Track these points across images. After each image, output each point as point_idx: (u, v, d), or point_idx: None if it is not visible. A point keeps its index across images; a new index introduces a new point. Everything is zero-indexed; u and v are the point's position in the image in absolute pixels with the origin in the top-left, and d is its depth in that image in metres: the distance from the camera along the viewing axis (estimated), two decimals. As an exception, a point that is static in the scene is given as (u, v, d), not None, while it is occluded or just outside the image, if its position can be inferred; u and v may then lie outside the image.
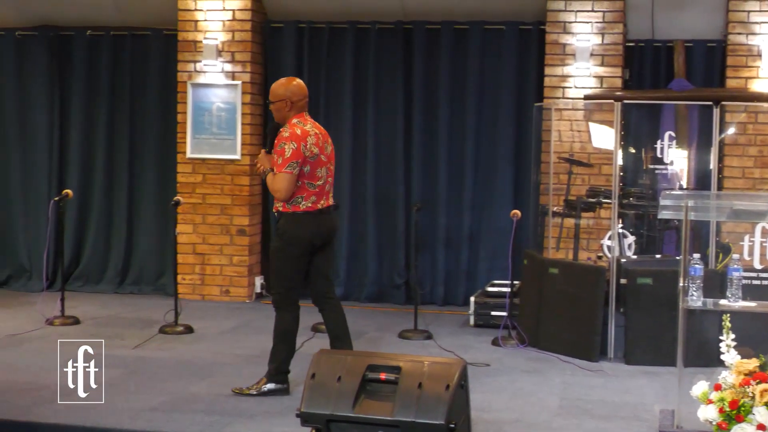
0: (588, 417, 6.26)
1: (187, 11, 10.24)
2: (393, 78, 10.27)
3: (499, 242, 9.68)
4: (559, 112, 9.40)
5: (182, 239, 10.01)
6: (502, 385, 6.99)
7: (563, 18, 9.55)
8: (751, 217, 6.11)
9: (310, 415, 4.99)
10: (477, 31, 10.06)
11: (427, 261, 10.20)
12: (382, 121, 10.31)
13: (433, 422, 4.82)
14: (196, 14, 10.22)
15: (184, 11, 10.25)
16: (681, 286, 5.39)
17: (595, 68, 9.48)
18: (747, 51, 9.27)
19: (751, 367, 5.13)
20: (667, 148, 9.30)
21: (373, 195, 10.33)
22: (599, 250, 8.80)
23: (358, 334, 8.69)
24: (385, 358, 5.30)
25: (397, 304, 10.18)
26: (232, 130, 10.18)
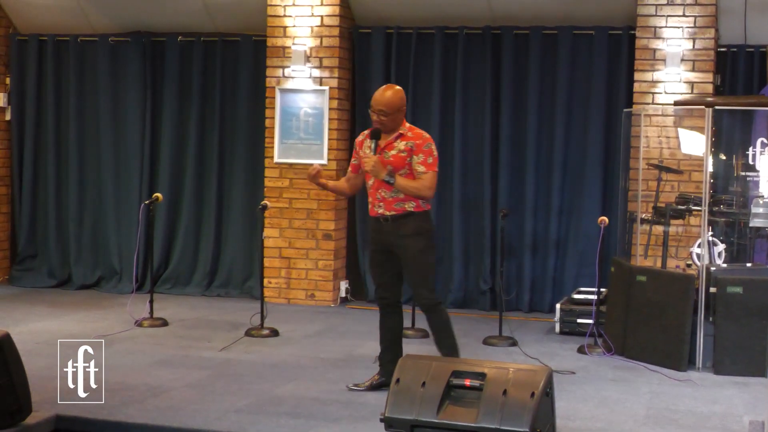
0: (675, 427, 6.17)
1: (276, 17, 10.33)
2: (481, 83, 10.24)
3: (587, 249, 9.60)
4: (649, 118, 9.29)
5: (269, 243, 10.11)
6: (588, 394, 6.92)
7: (653, 23, 9.44)
8: None
9: (394, 420, 5.00)
10: (566, 36, 9.99)
11: (513, 267, 10.15)
12: (469, 127, 10.29)
13: (517, 429, 4.80)
14: (285, 20, 10.30)
15: (273, 17, 10.34)
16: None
17: (685, 74, 9.35)
18: (841, 55, 9.08)
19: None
20: (760, 155, 9.14)
21: (459, 200, 10.31)
22: (688, 258, 8.67)
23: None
24: (470, 364, 5.29)
25: (482, 310, 10.14)
26: (319, 135, 10.24)
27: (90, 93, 11.24)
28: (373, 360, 7.75)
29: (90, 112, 11.25)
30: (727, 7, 9.46)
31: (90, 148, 11.27)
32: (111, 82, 11.14)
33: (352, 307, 10.33)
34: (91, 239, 11.28)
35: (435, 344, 6.85)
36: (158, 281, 10.76)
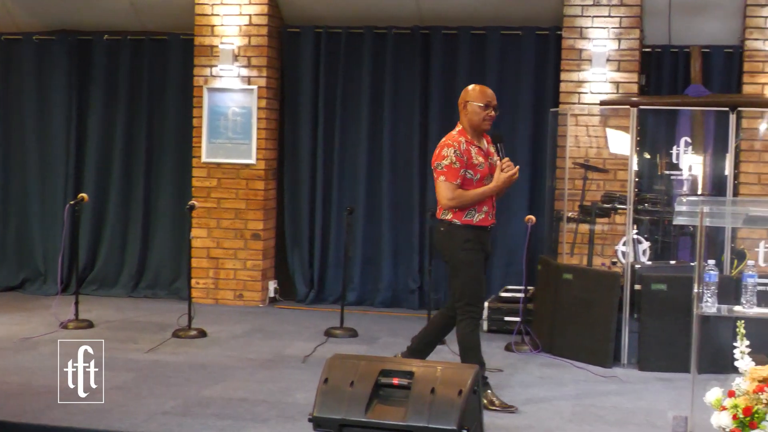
0: (601, 423, 6.24)
1: (203, 16, 10.26)
2: (410, 83, 10.27)
3: (514, 248, 9.68)
4: (575, 118, 9.38)
5: (196, 243, 10.03)
6: (515, 391, 6.97)
7: (580, 23, 9.53)
8: (766, 223, 6.08)
9: (322, 420, 4.98)
10: (494, 36, 10.05)
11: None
12: (398, 127, 10.31)
13: (445, 427, 4.80)
14: (213, 19, 10.23)
15: (200, 16, 10.27)
16: (695, 293, 5.37)
17: (611, 74, 9.45)
18: (764, 57, 9.24)
19: (765, 373, 5.09)
20: (683, 153, 9.27)
21: (388, 200, 10.33)
22: (614, 256, 8.76)
23: (372, 339, 8.72)
24: (398, 363, 5.29)
25: (411, 309, 10.18)
26: (247, 134, 10.19)
27: (15, 92, 11.09)
28: (302, 360, 7.74)
29: (14, 112, 11.09)
30: (652, 8, 9.59)
31: (14, 147, 11.10)
32: (36, 81, 10.99)
33: (281, 307, 10.29)
34: (15, 240, 11.12)
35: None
36: (84, 282, 10.62)
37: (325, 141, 10.45)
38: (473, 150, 6.42)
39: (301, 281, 10.53)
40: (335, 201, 10.44)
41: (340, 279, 9.96)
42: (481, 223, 6.42)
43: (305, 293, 10.51)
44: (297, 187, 10.55)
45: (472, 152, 6.41)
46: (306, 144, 10.48)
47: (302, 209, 10.54)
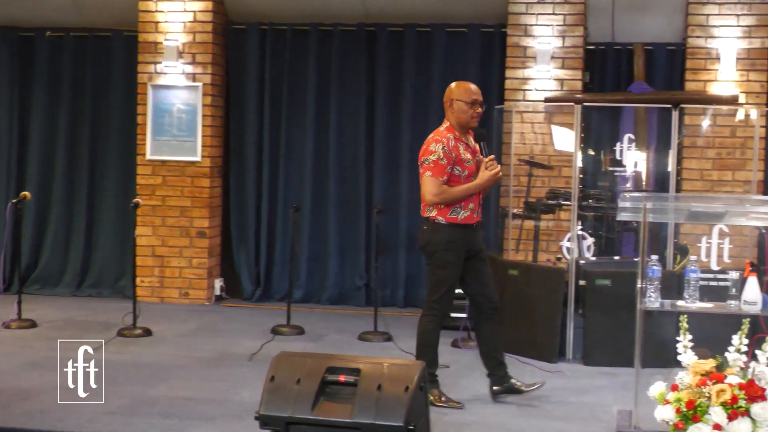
0: (547, 418, 6.28)
1: (147, 12, 10.18)
2: (356, 80, 10.27)
3: (460, 244, 9.70)
4: (520, 115, 9.43)
5: (141, 242, 9.95)
6: (462, 387, 7.00)
7: (524, 21, 9.58)
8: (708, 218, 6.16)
9: (269, 418, 4.96)
10: (440, 34, 10.08)
11: (388, 263, 10.20)
12: (344, 124, 10.31)
13: (392, 424, 4.80)
14: (157, 15, 10.16)
15: (144, 12, 10.19)
16: (639, 288, 5.42)
17: (555, 71, 9.52)
18: (706, 54, 9.35)
19: (707, 367, 5.16)
20: (627, 150, 9.36)
21: (335, 198, 10.33)
22: (559, 252, 8.84)
23: (318, 336, 8.71)
24: (345, 360, 5.28)
25: (357, 306, 10.18)
26: (192, 131, 10.13)
27: (-44, 89, 10.94)
28: (248, 358, 7.71)
29: (-44, 109, 10.95)
30: (595, 6, 9.66)
31: (-45, 145, 10.95)
32: (-23, 78, 10.85)
33: (227, 305, 10.25)
34: (-44, 239, 10.97)
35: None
36: (27, 282, 10.49)
37: (270, 138, 10.42)
38: (461, 146, 6.42)
39: (247, 279, 10.50)
40: (281, 198, 10.42)
41: (286, 276, 9.94)
42: (466, 221, 6.40)
43: (251, 291, 10.47)
44: (243, 185, 10.51)
45: (460, 149, 6.40)
46: (252, 141, 10.44)
47: (248, 207, 10.50)
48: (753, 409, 4.97)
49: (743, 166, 9.19)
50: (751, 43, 9.27)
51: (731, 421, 4.95)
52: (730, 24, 9.29)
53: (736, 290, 5.47)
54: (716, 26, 9.31)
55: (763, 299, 5.41)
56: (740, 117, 9.23)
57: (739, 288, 5.46)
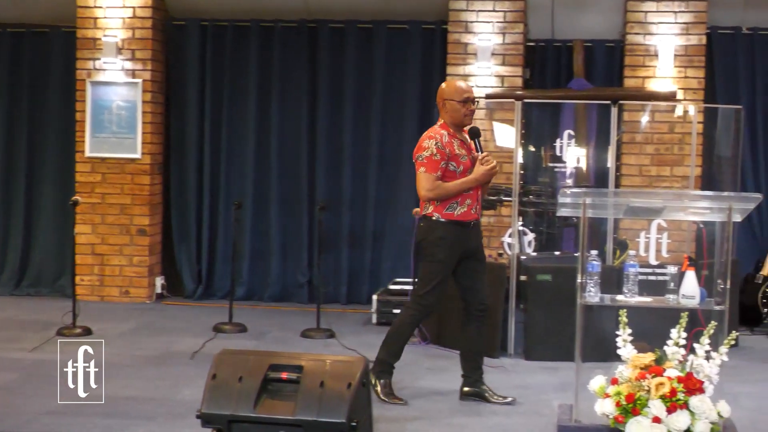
0: (488, 413, 6.32)
1: (86, 8, 10.08)
2: (297, 77, 10.25)
3: (403, 241, 9.72)
4: (461, 111, 9.43)
5: (81, 240, 9.85)
6: (404, 383, 7.01)
7: (465, 18, 9.62)
8: (646, 214, 6.21)
9: (211, 416, 4.93)
10: (381, 30, 10.09)
11: (331, 260, 10.20)
12: (286, 120, 10.28)
13: (334, 421, 4.80)
14: (96, 11, 10.06)
15: (83, 8, 10.08)
16: (579, 283, 5.46)
17: (496, 68, 9.56)
18: (644, 51, 9.45)
19: (646, 361, 5.21)
20: (567, 146, 9.43)
21: (277, 194, 10.30)
22: (500, 248, 8.88)
23: (261, 333, 8.68)
24: (287, 357, 5.26)
25: (300, 303, 10.17)
26: (132, 128, 10.04)
27: None
28: (190, 356, 7.67)
29: None
30: (535, 3, 9.73)
31: None
32: None
33: (169, 304, 10.19)
34: None
35: None
36: (-36, 281, 10.36)
37: (212, 135, 10.36)
38: (455, 143, 6.40)
39: (188, 277, 10.44)
40: (223, 195, 10.37)
41: (228, 274, 9.90)
42: (462, 217, 6.37)
43: (193, 289, 10.42)
44: (184, 182, 10.44)
45: (454, 144, 6.39)
46: (192, 138, 10.38)
47: (189, 204, 10.44)
48: (691, 401, 5.03)
49: (681, 161, 9.31)
50: (688, 40, 9.39)
51: (670, 414, 5.01)
52: (667, 21, 9.40)
53: (674, 284, 5.52)
54: (654, 23, 9.42)
55: (701, 293, 5.47)
56: (678, 113, 9.34)
57: (677, 282, 5.51)
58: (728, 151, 9.15)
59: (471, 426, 6.05)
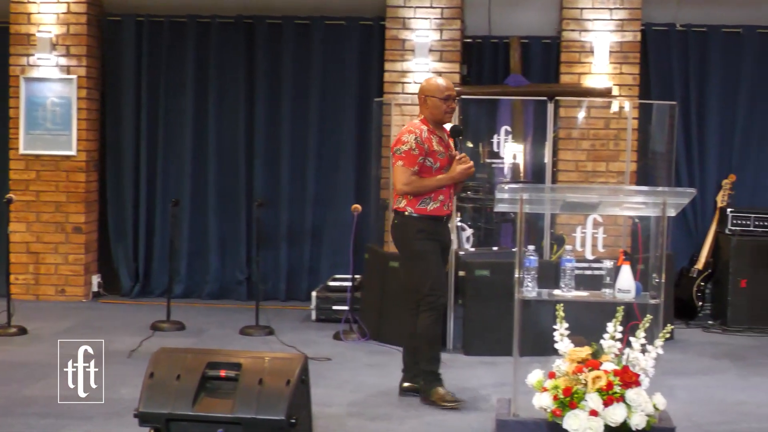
0: (428, 408, 6.34)
1: (19, 3, 9.94)
2: (235, 73, 10.19)
3: (342, 237, 9.71)
4: (399, 108, 9.47)
5: (15, 238, 9.73)
6: (344, 379, 7.02)
7: (402, 14, 9.63)
8: (583, 209, 6.28)
9: (148, 415, 4.90)
10: (318, 26, 10.07)
11: (270, 257, 10.16)
12: (223, 117, 10.22)
13: (273, 418, 4.80)
14: (29, 6, 9.92)
15: (16, 3, 9.94)
16: (516, 278, 5.50)
17: (433, 64, 9.59)
18: (580, 47, 9.53)
19: (583, 354, 5.27)
20: (504, 142, 9.49)
21: (214, 191, 10.24)
22: (439, 244, 8.89)
23: (199, 331, 8.63)
24: (226, 355, 5.25)
25: (239, 300, 10.12)
26: (67, 125, 9.93)
27: None
28: (127, 355, 7.60)
29: None
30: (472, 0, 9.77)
31: None
32: None
33: (105, 302, 10.09)
34: None
35: None
36: None
37: (148, 131, 10.28)
38: (434, 139, 6.40)
39: (125, 275, 10.34)
40: (160, 192, 10.29)
41: (166, 271, 9.83)
42: (435, 212, 6.37)
43: (130, 287, 10.33)
44: (120, 179, 10.34)
45: (433, 141, 6.38)
46: (129, 134, 10.28)
47: (126, 201, 10.34)
48: (627, 394, 5.09)
49: (617, 157, 9.40)
50: (623, 37, 9.48)
51: (607, 407, 5.06)
52: (603, 18, 9.48)
53: (610, 279, 5.58)
54: (590, 20, 9.50)
55: (637, 287, 5.54)
56: (614, 109, 9.43)
57: (613, 276, 5.57)
58: (663, 146, 9.26)
59: (410, 421, 6.07)
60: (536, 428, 5.29)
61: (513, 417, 5.40)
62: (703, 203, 9.89)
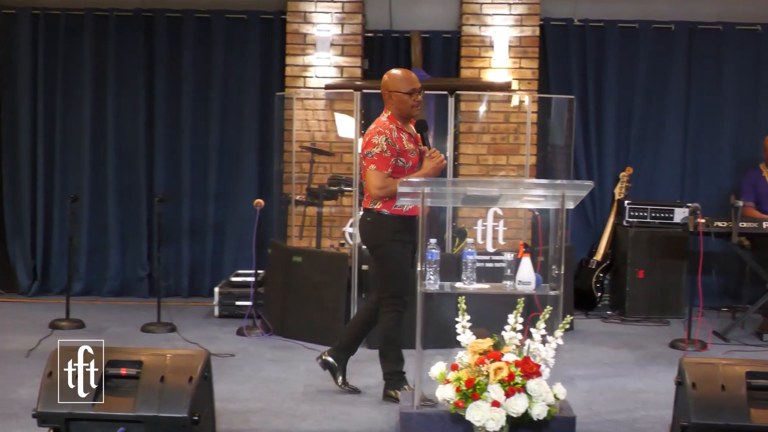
0: (332, 402, 6.35)
1: None
2: (134, 67, 10.06)
3: (245, 232, 9.67)
4: (301, 102, 9.46)
5: None
6: (248, 375, 6.99)
7: (303, 8, 9.61)
8: (484, 202, 6.33)
9: (47, 415, 4.84)
10: (219, 20, 9.99)
11: (172, 253, 10.06)
12: (123, 112, 10.08)
13: (176, 415, 4.77)
14: None
15: None
16: (419, 271, 5.53)
17: (335, 58, 9.59)
18: (480, 42, 9.61)
19: (485, 346, 5.32)
20: (406, 136, 9.51)
21: (114, 187, 10.10)
22: (342, 238, 8.93)
23: (100, 329, 8.51)
24: (126, 352, 5.20)
25: (140, 297, 10.00)
26: (-40, 120, 9.71)
27: None
28: (25, 354, 7.47)
29: None
30: (373, -6, 9.82)
31: None
32: None
33: (2, 301, 9.90)
34: None
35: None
36: None
37: (45, 126, 10.09)
38: (404, 136, 6.26)
39: (23, 273, 10.15)
40: (58, 188, 10.11)
41: (65, 269, 9.66)
42: (411, 212, 6.24)
43: (28, 285, 10.14)
44: (16, 175, 10.14)
45: (403, 139, 6.24)
46: (25, 130, 10.08)
47: (23, 198, 10.15)
48: (529, 385, 5.16)
49: (517, 150, 9.51)
50: (522, 32, 9.59)
51: (509, 398, 5.12)
52: (502, 12, 9.58)
53: (510, 271, 5.64)
54: (489, 15, 9.59)
55: (537, 279, 5.61)
56: (514, 103, 9.54)
57: (513, 269, 5.63)
58: (561, 139, 9.40)
59: (314, 416, 6.07)
60: (439, 420, 5.33)
61: (416, 410, 5.43)
62: (602, 195, 10.07)
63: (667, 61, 10.08)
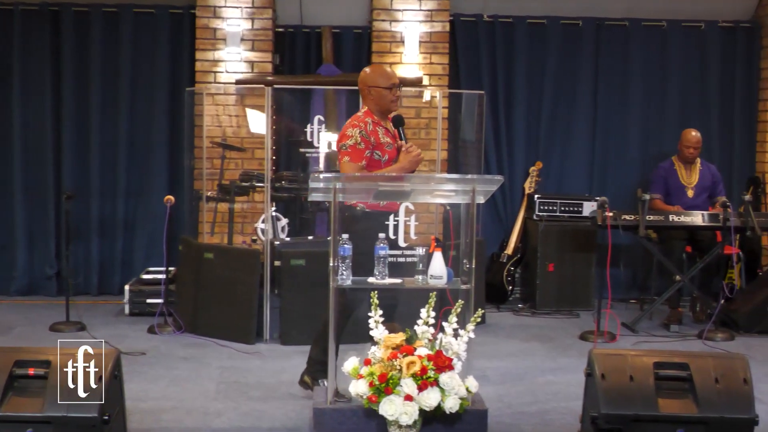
0: (245, 399, 6.33)
1: None
2: (40, 62, 9.87)
3: (155, 229, 9.57)
4: (211, 97, 9.40)
5: None
6: (159, 373, 6.93)
7: (213, 2, 9.54)
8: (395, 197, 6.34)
9: (-50, 418, 4.74)
10: (127, 14, 9.86)
11: (81, 250, 9.92)
12: (28, 107, 9.89)
13: (85, 415, 4.71)
14: None
15: None
16: (331, 266, 5.53)
17: (246, 53, 9.54)
18: (390, 37, 9.65)
19: (398, 341, 5.34)
20: (318, 131, 9.52)
21: (21, 183, 9.91)
22: (253, 234, 8.90)
23: (7, 329, 8.36)
24: (34, 352, 5.11)
25: (48, 296, 9.84)
26: None
27: None
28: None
29: None
30: (283, -11, 9.78)
31: None
32: None
33: None
34: None
35: None
36: None
37: (-53, 122, 9.89)
38: (380, 130, 6.14)
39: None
40: (-38, 186, 9.92)
41: (-30, 268, 9.50)
42: (387, 207, 6.17)
43: (-68, 285, 9.94)
44: None
45: (379, 132, 6.13)
46: (-73, 126, 9.87)
47: (-75, 196, 9.94)
48: (441, 378, 5.19)
49: (428, 145, 9.55)
50: (433, 27, 9.65)
51: (422, 392, 5.15)
52: (412, 8, 9.62)
53: (422, 265, 5.66)
54: (400, 10, 9.63)
55: (449, 273, 5.64)
56: (425, 98, 9.59)
57: (425, 263, 5.66)
58: (472, 134, 9.48)
59: (227, 413, 6.04)
60: (353, 415, 5.34)
61: (330, 405, 5.43)
62: (512, 190, 10.18)
63: (575, 56, 10.23)
